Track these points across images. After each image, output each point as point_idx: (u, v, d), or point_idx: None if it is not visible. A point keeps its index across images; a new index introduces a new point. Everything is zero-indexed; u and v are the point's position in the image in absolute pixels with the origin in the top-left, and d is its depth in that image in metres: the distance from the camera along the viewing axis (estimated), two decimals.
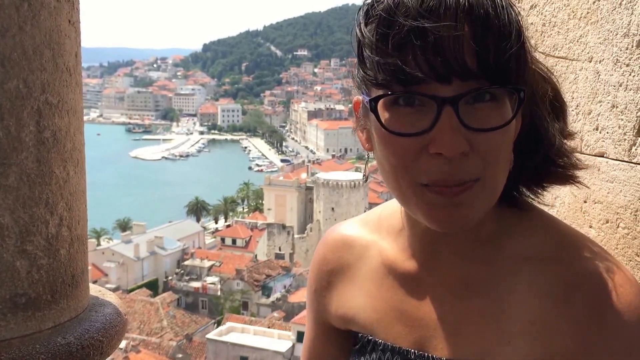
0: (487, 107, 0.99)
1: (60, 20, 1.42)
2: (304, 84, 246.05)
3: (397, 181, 1.05)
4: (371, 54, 1.01)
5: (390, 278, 1.24)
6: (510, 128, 1.02)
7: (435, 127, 0.98)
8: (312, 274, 1.41)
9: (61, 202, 1.43)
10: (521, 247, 1.13)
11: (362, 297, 1.28)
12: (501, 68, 0.98)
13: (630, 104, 1.40)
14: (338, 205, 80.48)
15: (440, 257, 1.17)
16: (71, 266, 1.48)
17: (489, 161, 1.00)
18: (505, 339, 1.08)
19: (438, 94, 0.97)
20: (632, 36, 1.38)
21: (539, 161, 1.13)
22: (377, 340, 1.23)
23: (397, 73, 0.98)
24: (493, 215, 1.14)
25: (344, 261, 1.34)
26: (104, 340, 1.49)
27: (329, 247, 1.37)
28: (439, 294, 1.17)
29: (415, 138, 0.99)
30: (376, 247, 1.29)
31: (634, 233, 1.39)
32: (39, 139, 1.37)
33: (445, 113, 0.97)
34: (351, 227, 1.37)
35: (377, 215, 1.34)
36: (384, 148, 1.04)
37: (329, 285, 1.36)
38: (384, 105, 1.02)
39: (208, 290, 64.49)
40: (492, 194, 1.05)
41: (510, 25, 0.99)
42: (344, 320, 1.32)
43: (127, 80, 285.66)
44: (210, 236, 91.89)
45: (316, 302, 1.39)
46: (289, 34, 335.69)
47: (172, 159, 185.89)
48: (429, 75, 0.96)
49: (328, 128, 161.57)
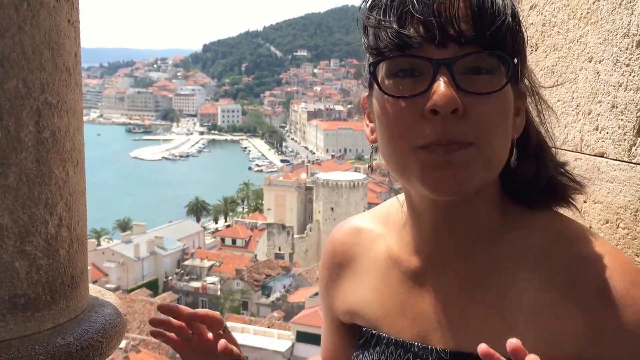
0: (482, 79, 1.03)
1: (60, 20, 1.42)
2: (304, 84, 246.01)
3: (396, 150, 1.08)
4: (372, 22, 1.06)
5: (395, 272, 1.26)
6: (505, 98, 1.06)
7: (431, 87, 1.01)
8: (323, 268, 1.42)
9: (60, 202, 1.43)
10: (524, 239, 1.15)
11: (368, 291, 1.30)
12: (496, 36, 1.02)
13: (630, 104, 1.39)
14: (337, 205, 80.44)
15: (442, 251, 1.19)
16: (71, 267, 1.47)
17: (483, 128, 1.03)
18: (511, 329, 1.08)
19: (434, 57, 1.01)
20: (632, 36, 1.38)
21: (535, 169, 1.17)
22: (381, 334, 1.24)
23: (395, 38, 1.03)
24: (497, 210, 1.17)
25: (353, 252, 1.36)
26: (103, 341, 1.49)
27: (339, 240, 1.39)
28: (442, 287, 1.19)
29: (412, 101, 1.03)
30: (383, 240, 1.31)
31: (633, 233, 1.39)
32: (38, 139, 1.36)
33: (440, 74, 1.01)
34: (363, 220, 1.40)
35: (386, 209, 1.36)
36: (384, 117, 1.08)
37: (338, 278, 1.38)
38: (384, 75, 1.07)
39: (208, 290, 64.53)
40: (489, 161, 1.07)
41: (505, 3, 1.04)
42: (349, 314, 1.34)
43: (128, 81, 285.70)
44: (210, 236, 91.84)
45: (327, 295, 1.41)
46: (288, 34, 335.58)
47: (172, 159, 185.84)
48: (425, 39, 1.01)
49: (327, 128, 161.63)
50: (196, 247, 78.54)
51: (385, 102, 1.07)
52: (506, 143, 1.10)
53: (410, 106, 1.04)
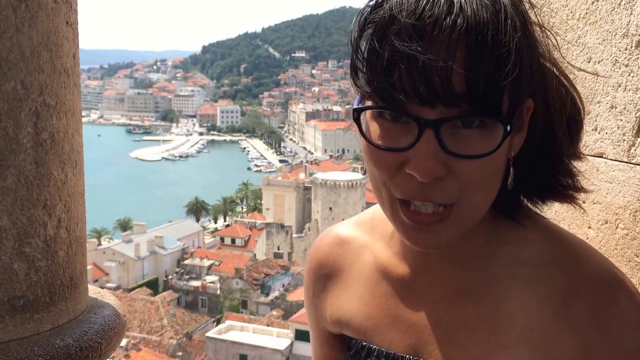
0: (474, 134, 0.96)
1: (58, 22, 1.41)
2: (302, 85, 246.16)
3: (380, 192, 1.05)
4: (362, 66, 1.00)
5: (384, 283, 1.23)
6: (496, 156, 0.98)
7: (414, 148, 0.96)
8: (309, 280, 1.38)
9: (59, 203, 1.43)
10: (516, 254, 1.12)
11: (356, 302, 1.27)
12: (491, 96, 0.93)
13: (630, 104, 1.39)
14: (336, 204, 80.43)
15: (432, 263, 1.16)
16: (69, 268, 1.47)
17: (467, 188, 0.98)
18: (502, 345, 1.07)
19: (421, 116, 0.94)
20: (631, 36, 1.38)
21: (544, 177, 1.11)
22: (372, 345, 1.22)
23: (382, 91, 0.96)
24: (488, 223, 1.13)
25: (339, 264, 1.32)
26: (102, 342, 1.48)
27: (324, 251, 1.35)
28: (432, 299, 1.16)
29: (395, 154, 0.98)
30: (370, 250, 1.28)
31: (633, 234, 1.39)
32: (37, 140, 1.36)
33: (425, 136, 0.94)
34: (346, 228, 1.35)
35: (371, 216, 1.32)
36: (368, 159, 1.04)
37: (324, 290, 1.34)
38: (371, 116, 1.02)
39: (208, 289, 64.49)
40: (469, 219, 1.04)
41: (509, 50, 0.92)
42: (338, 324, 1.31)
43: (127, 82, 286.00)
44: (210, 236, 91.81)
45: (314, 308, 1.38)
46: (287, 35, 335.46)
47: (172, 160, 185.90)
48: (411, 99, 0.93)
49: (326, 129, 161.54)
50: (196, 247, 78.50)
51: (370, 148, 1.02)
52: (492, 193, 1.04)
53: (393, 158, 0.99)
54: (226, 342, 45.52)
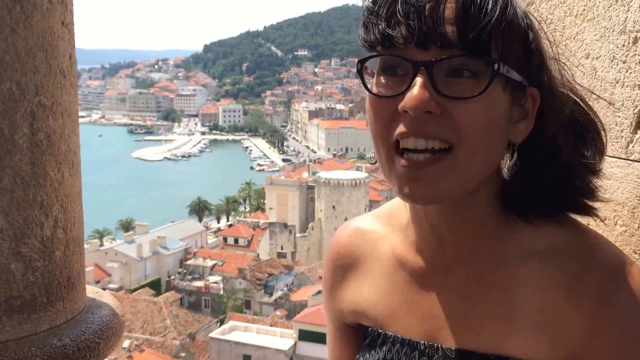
0: (465, 82, 1.02)
1: (54, 22, 1.41)
2: (305, 83, 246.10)
3: (379, 149, 1.10)
4: (366, 17, 1.08)
5: (401, 272, 1.27)
6: (491, 107, 1.04)
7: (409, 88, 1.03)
8: (328, 271, 1.42)
9: (56, 204, 1.43)
10: (528, 241, 1.15)
11: (374, 291, 1.30)
12: (480, 40, 1.00)
13: (627, 101, 1.39)
14: (339, 203, 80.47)
15: (444, 251, 1.20)
16: (67, 268, 1.47)
17: (465, 133, 1.03)
18: (514, 329, 1.10)
19: (416, 58, 1.02)
20: (628, 33, 1.37)
21: (552, 184, 1.14)
22: (387, 333, 1.25)
23: (381, 35, 1.04)
24: (495, 211, 1.17)
25: (358, 254, 1.36)
26: (100, 342, 1.49)
27: (343, 243, 1.40)
28: (447, 286, 1.20)
29: (392, 100, 1.04)
30: (387, 240, 1.31)
31: (631, 230, 1.39)
32: (33, 141, 1.36)
33: (419, 76, 1.02)
34: (364, 221, 1.40)
35: (388, 209, 1.37)
36: (368, 115, 1.10)
37: (343, 280, 1.38)
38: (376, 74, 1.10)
39: (211, 289, 64.62)
40: (465, 174, 1.07)
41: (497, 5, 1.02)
42: (355, 314, 1.34)
43: (129, 82, 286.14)
44: (213, 236, 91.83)
45: (332, 299, 1.41)
46: (289, 34, 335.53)
47: (174, 160, 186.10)
48: (407, 40, 1.02)
49: (329, 127, 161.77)
50: (198, 247, 78.65)
51: (369, 100, 1.09)
52: (493, 150, 1.09)
53: (389, 105, 1.05)
54: (229, 342, 45.60)
